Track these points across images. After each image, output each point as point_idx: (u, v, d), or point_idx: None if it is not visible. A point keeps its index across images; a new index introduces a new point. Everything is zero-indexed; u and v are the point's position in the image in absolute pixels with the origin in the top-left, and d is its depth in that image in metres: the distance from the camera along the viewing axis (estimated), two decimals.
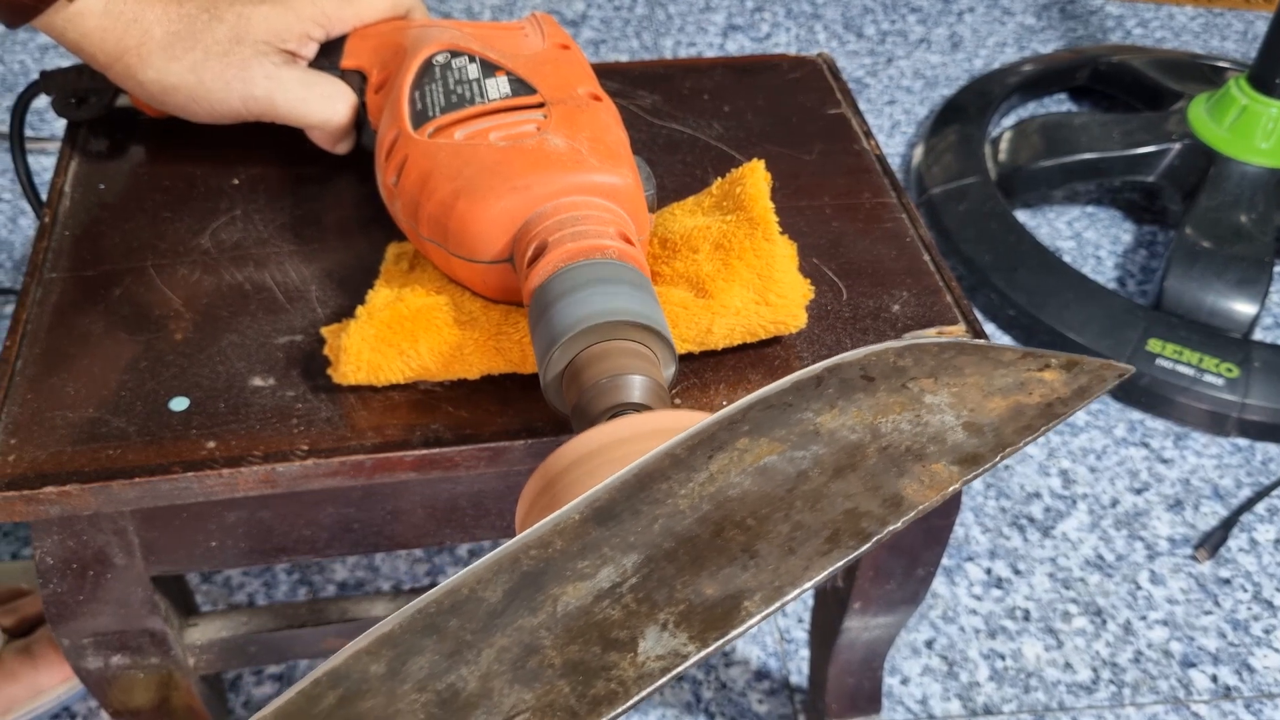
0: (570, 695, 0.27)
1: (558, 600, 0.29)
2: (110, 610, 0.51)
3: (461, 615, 0.29)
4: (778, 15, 1.48)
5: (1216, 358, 0.98)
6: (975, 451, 0.33)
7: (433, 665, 0.28)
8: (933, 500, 0.31)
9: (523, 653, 0.28)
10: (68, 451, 0.45)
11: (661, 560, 0.30)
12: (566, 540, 0.30)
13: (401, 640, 0.28)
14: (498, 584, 0.29)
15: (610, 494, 0.31)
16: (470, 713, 0.27)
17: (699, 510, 0.31)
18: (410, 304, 0.46)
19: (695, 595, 0.29)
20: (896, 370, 0.35)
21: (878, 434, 0.33)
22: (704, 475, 0.32)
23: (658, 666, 0.27)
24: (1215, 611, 0.85)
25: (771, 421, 0.33)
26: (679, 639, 0.28)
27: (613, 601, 0.29)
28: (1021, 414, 0.34)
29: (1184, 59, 1.33)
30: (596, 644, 0.28)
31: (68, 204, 0.57)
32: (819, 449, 0.33)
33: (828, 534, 0.30)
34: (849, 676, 0.69)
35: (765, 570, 0.29)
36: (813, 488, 0.31)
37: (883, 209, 0.58)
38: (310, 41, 0.56)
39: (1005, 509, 0.91)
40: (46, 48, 1.36)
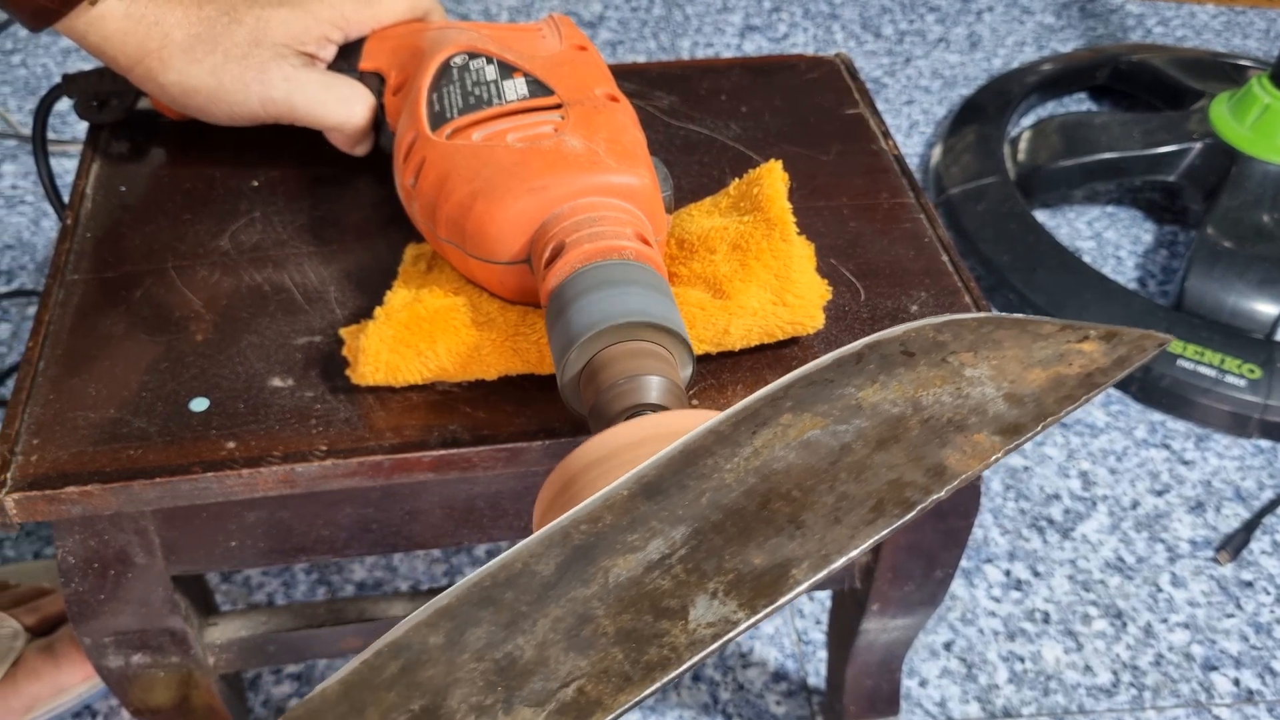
0: (624, 661, 0.28)
1: (609, 572, 0.30)
2: (131, 609, 0.51)
3: (516, 588, 0.30)
4: (795, 15, 1.48)
5: (1238, 359, 0.97)
6: (1017, 421, 0.33)
7: (490, 635, 0.29)
8: (975, 469, 0.32)
9: (576, 622, 0.29)
10: (89, 452, 0.45)
11: (709, 532, 0.30)
12: (616, 515, 0.31)
13: (459, 612, 0.29)
14: (550, 558, 0.30)
15: (657, 470, 0.32)
16: (528, 679, 0.28)
17: (745, 483, 0.31)
18: (428, 305, 0.46)
19: (744, 565, 0.29)
20: (936, 345, 0.36)
21: (919, 407, 0.34)
22: (749, 450, 0.32)
23: (709, 633, 0.28)
24: (1237, 614, 0.84)
25: (814, 397, 0.34)
26: (729, 606, 0.29)
27: (663, 572, 0.30)
28: (1062, 384, 0.34)
29: (1205, 57, 1.32)
30: (648, 613, 0.29)
31: (89, 206, 0.57)
32: (861, 422, 0.33)
33: (872, 503, 0.31)
34: (867, 678, 0.69)
35: (812, 539, 0.30)
36: (856, 459, 0.32)
37: (901, 209, 0.57)
38: (329, 44, 0.56)
39: (1025, 510, 0.91)
40: (69, 51, 1.37)
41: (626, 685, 0.27)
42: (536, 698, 0.27)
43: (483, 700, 0.27)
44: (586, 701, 0.27)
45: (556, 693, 0.27)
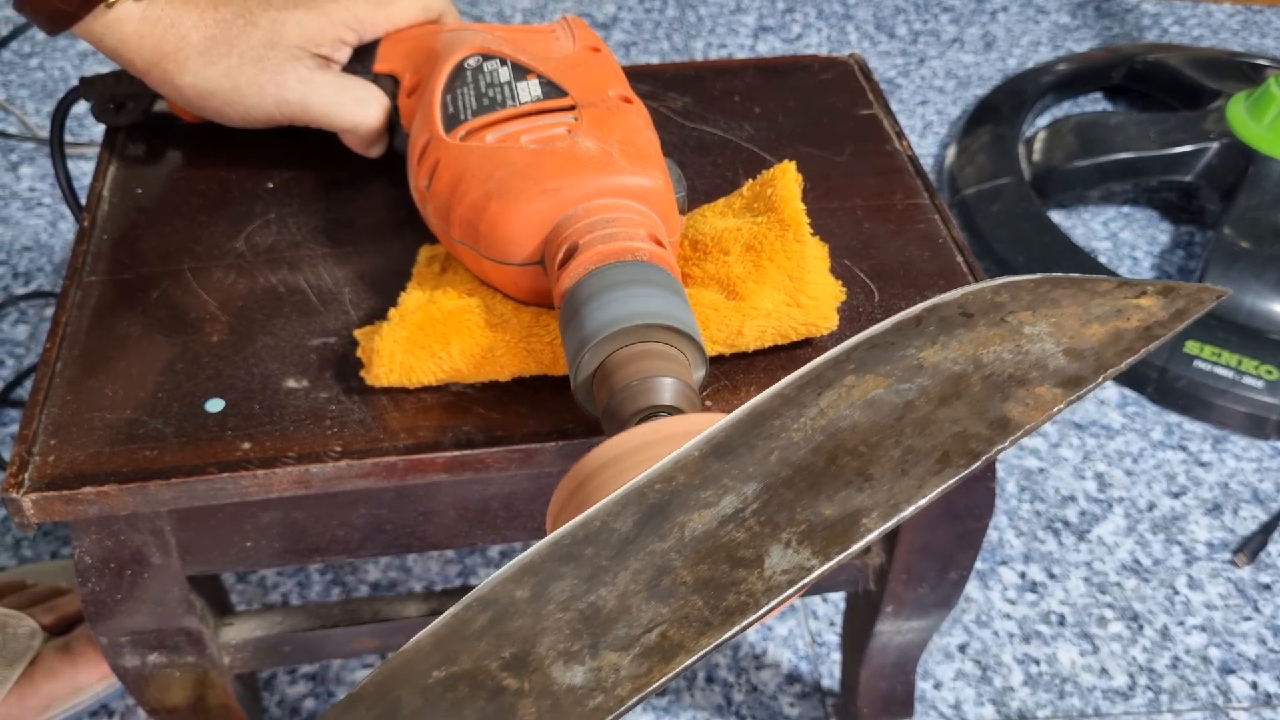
0: (704, 608, 0.29)
1: (684, 527, 0.31)
2: (147, 609, 0.52)
3: (596, 544, 0.31)
4: (809, 16, 1.48)
5: (1256, 359, 0.96)
6: (1078, 374, 0.34)
7: (573, 588, 0.30)
8: (1038, 420, 0.33)
9: (656, 574, 0.30)
10: (106, 452, 0.45)
11: (780, 487, 0.32)
12: (688, 474, 0.32)
13: (542, 568, 0.31)
14: (627, 515, 0.32)
15: (726, 432, 0.33)
16: (611, 627, 0.29)
17: (812, 441, 0.33)
18: (442, 306, 0.46)
19: (815, 516, 0.31)
20: (994, 306, 0.37)
21: (980, 364, 0.35)
22: (814, 410, 0.34)
23: (784, 579, 0.30)
24: (1255, 617, 0.84)
25: (876, 359, 0.35)
26: (802, 554, 0.30)
27: (737, 525, 0.31)
28: (1121, 338, 0.35)
29: (1222, 57, 1.31)
30: (724, 563, 0.30)
31: (106, 208, 0.57)
32: (924, 381, 0.34)
33: (938, 455, 0.32)
34: (881, 680, 0.69)
35: (880, 490, 0.31)
36: (920, 415, 0.33)
37: (915, 210, 0.57)
38: (343, 46, 0.56)
39: (1040, 512, 0.90)
40: (86, 54, 1.38)
41: (707, 629, 0.29)
42: (621, 643, 0.29)
43: (570, 646, 0.29)
44: (670, 645, 0.29)
45: (640, 638, 0.29)
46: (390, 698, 0.29)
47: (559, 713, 0.28)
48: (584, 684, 0.28)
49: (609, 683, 0.28)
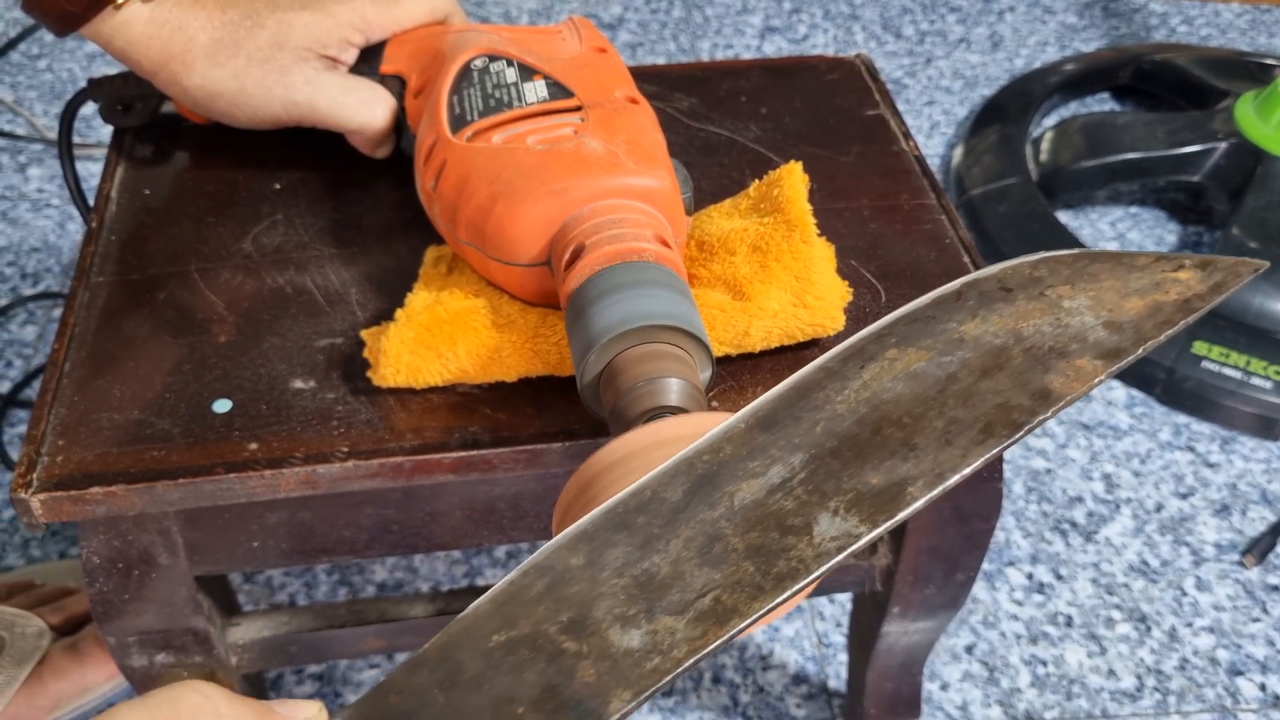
0: (755, 573, 0.30)
1: (733, 496, 0.32)
2: (155, 609, 0.52)
3: (647, 513, 0.32)
4: (815, 16, 1.47)
5: (1264, 360, 0.96)
6: (1117, 346, 0.35)
7: (627, 555, 0.31)
8: (1080, 391, 0.33)
9: (707, 541, 0.31)
10: (114, 453, 0.45)
11: (826, 457, 0.33)
12: (735, 445, 0.33)
13: (596, 536, 0.32)
14: (676, 485, 0.33)
15: (771, 404, 0.34)
16: (666, 592, 0.30)
17: (856, 413, 0.34)
18: (449, 307, 0.46)
19: (861, 485, 0.32)
20: (1033, 280, 0.37)
21: (1020, 337, 0.35)
22: (857, 383, 0.34)
23: (834, 546, 0.30)
24: (1263, 619, 0.83)
25: (917, 333, 0.36)
26: (850, 522, 0.31)
27: (785, 494, 0.32)
28: (1159, 310, 0.36)
29: (1230, 56, 1.31)
30: (774, 530, 0.31)
31: (114, 209, 0.58)
32: (965, 354, 0.35)
33: (981, 426, 0.33)
34: (888, 681, 0.69)
35: (925, 460, 0.32)
36: (963, 387, 0.34)
37: (922, 210, 0.57)
38: (350, 47, 0.56)
39: (1047, 513, 0.90)
40: (94, 55, 1.38)
41: (759, 594, 0.30)
42: (676, 607, 0.30)
43: (626, 611, 0.30)
44: (723, 609, 0.30)
45: (694, 602, 0.30)
46: (452, 661, 0.30)
47: (618, 674, 0.29)
48: (641, 646, 0.29)
49: (665, 645, 0.29)
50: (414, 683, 0.29)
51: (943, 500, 0.54)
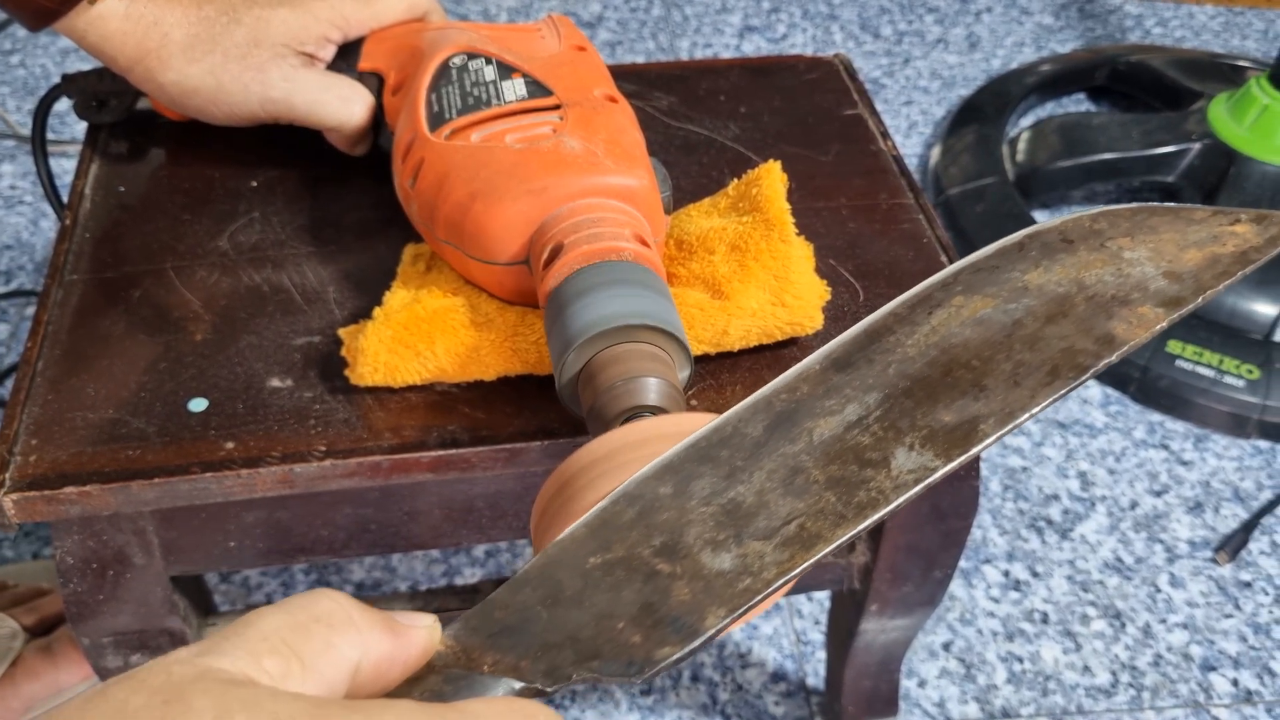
0: (837, 503, 0.32)
1: (812, 432, 0.34)
2: (130, 610, 0.51)
3: (730, 447, 0.33)
4: (794, 16, 1.48)
5: (1237, 359, 0.97)
6: (1177, 295, 0.36)
7: (713, 486, 0.33)
8: (1142, 337, 0.35)
9: (789, 473, 0.33)
10: (88, 452, 0.45)
11: (900, 396, 0.34)
12: (811, 385, 0.35)
13: (682, 468, 0.33)
14: (756, 422, 0.34)
15: (843, 348, 0.36)
16: (752, 520, 0.32)
17: (927, 355, 0.35)
18: (427, 305, 0.46)
19: (935, 422, 0.33)
20: (1094, 232, 0.39)
21: (1083, 286, 0.37)
22: (926, 328, 0.36)
23: (911, 478, 0.32)
24: (1236, 615, 0.84)
25: (982, 282, 0.37)
26: (925, 456, 0.32)
27: (861, 430, 0.33)
28: (1217, 262, 0.37)
29: (1204, 58, 1.32)
30: (853, 463, 0.33)
31: (88, 206, 0.57)
32: (1030, 301, 0.36)
33: (1048, 368, 0.34)
34: (866, 679, 0.69)
35: (995, 400, 0.33)
36: (1029, 333, 0.35)
37: (900, 210, 0.58)
38: (328, 44, 0.56)
39: (1023, 511, 0.91)
40: (68, 51, 1.37)
41: (842, 522, 0.31)
42: (763, 533, 0.31)
43: (715, 536, 0.31)
44: (808, 535, 0.31)
45: (780, 529, 0.31)
46: (552, 581, 0.31)
47: (711, 593, 0.30)
48: (732, 569, 0.31)
49: (755, 567, 0.31)
50: (517, 599, 0.30)
51: (920, 498, 0.55)
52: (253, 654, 0.24)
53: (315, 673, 0.25)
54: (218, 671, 0.23)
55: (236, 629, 0.25)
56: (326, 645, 0.26)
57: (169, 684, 0.23)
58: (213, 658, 0.24)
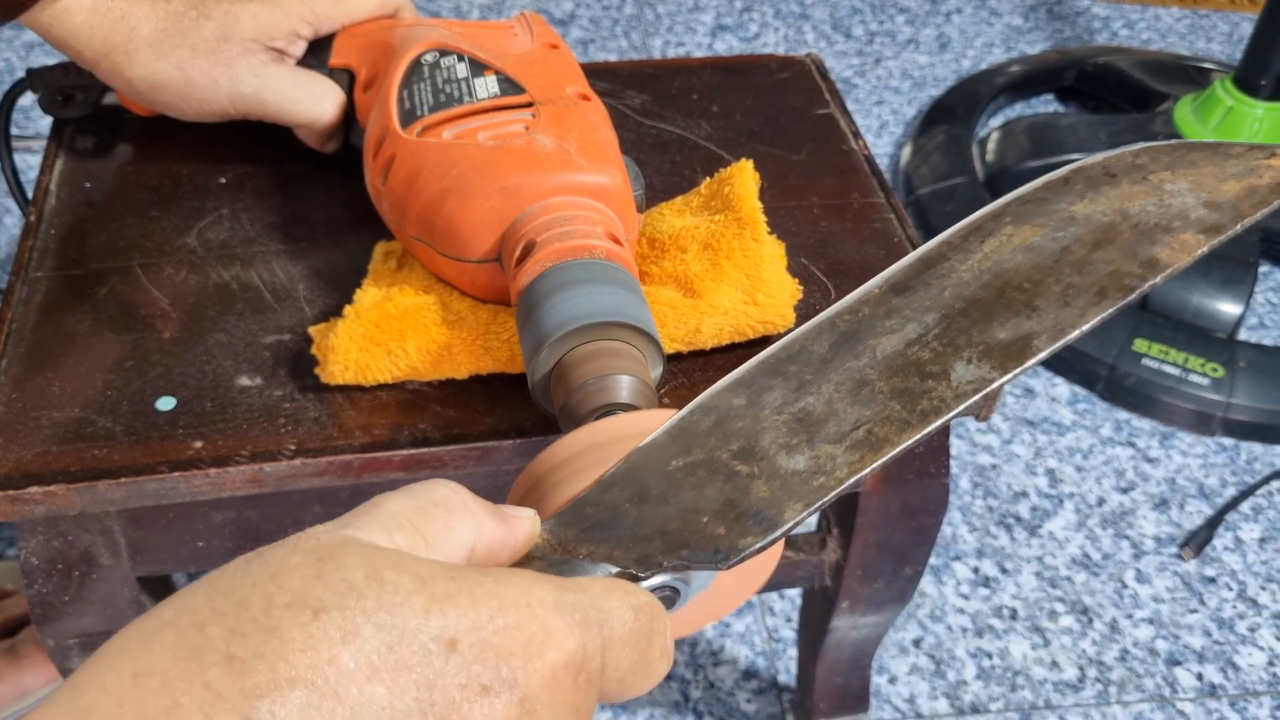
0: (901, 410, 0.34)
1: (875, 348, 0.36)
2: (96, 611, 0.51)
3: (798, 363, 0.36)
4: (766, 15, 1.48)
5: (1202, 358, 0.98)
6: (1218, 223, 0.38)
7: (784, 397, 0.35)
8: (1185, 261, 0.37)
9: (855, 385, 0.35)
10: (53, 451, 0.44)
11: (956, 316, 0.36)
12: (872, 307, 0.37)
13: (753, 381, 0.35)
14: (822, 340, 0.36)
15: (901, 273, 0.38)
16: (823, 426, 0.34)
17: (980, 279, 0.37)
18: (398, 303, 0.46)
19: (990, 338, 0.35)
20: (1136, 167, 0.41)
21: (1127, 215, 0.39)
22: (979, 255, 0.38)
23: (970, 388, 0.34)
24: (1200, 610, 0.85)
25: (1030, 212, 0.39)
26: (983, 369, 0.34)
27: (921, 346, 0.35)
28: (1255, 192, 0.39)
29: (1170, 60, 1.34)
30: (915, 376, 0.35)
31: (53, 203, 0.56)
32: (1077, 229, 0.38)
33: (1096, 289, 0.36)
34: (837, 675, 0.69)
35: (1047, 318, 0.35)
36: (1077, 258, 0.37)
37: (871, 209, 0.58)
38: (298, 40, 0.56)
39: (993, 508, 0.92)
40: (32, 45, 1.35)
41: (907, 427, 0.33)
42: (834, 438, 0.33)
43: (789, 441, 0.33)
44: (876, 439, 0.33)
45: (849, 434, 0.33)
46: (638, 482, 0.33)
47: (788, 490, 0.32)
48: (806, 468, 0.33)
49: (828, 467, 0.33)
50: (606, 498, 0.32)
51: (890, 494, 0.55)
52: (385, 529, 0.27)
53: (437, 550, 0.27)
54: (358, 539, 0.26)
55: (366, 509, 0.27)
56: (445, 527, 0.28)
57: (320, 546, 0.25)
58: (351, 530, 0.26)
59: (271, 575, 0.24)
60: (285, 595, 0.24)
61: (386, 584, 0.24)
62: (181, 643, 0.23)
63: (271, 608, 0.23)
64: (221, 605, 0.24)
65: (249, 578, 0.24)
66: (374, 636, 0.23)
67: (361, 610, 0.24)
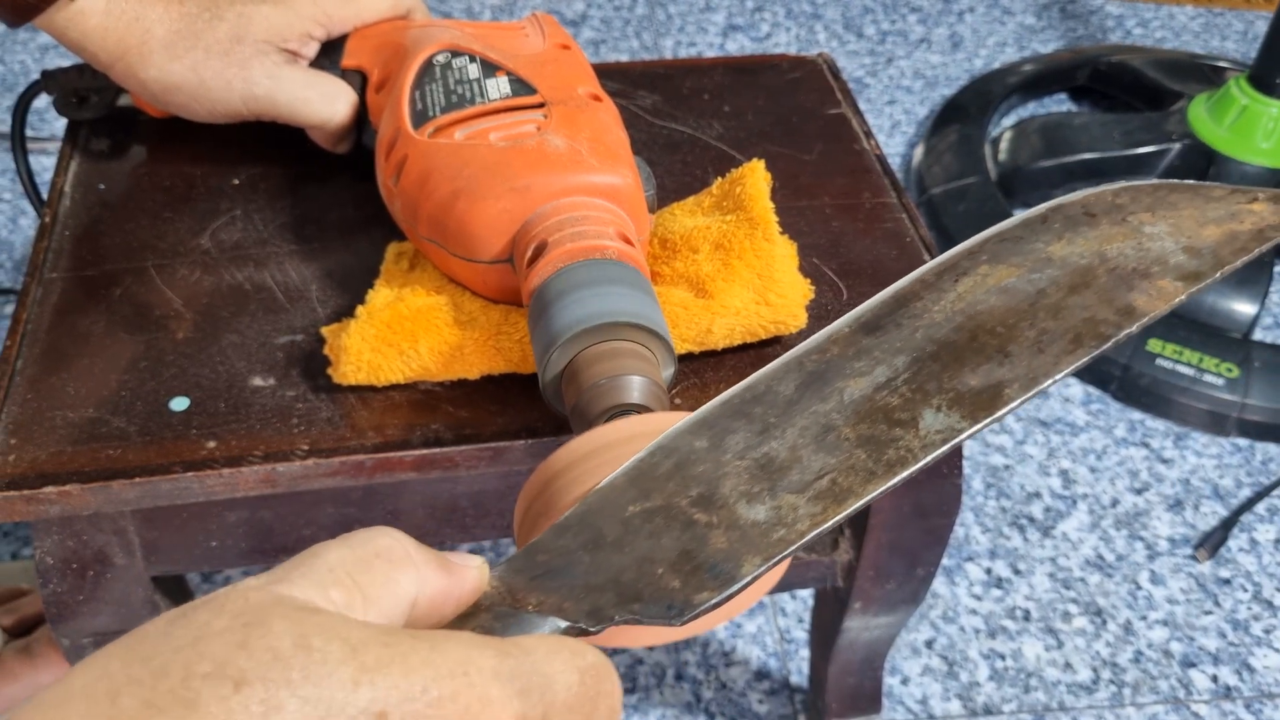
0: (867, 460, 0.33)
1: (843, 391, 0.35)
2: (110, 610, 0.51)
3: (763, 404, 0.34)
4: (778, 15, 1.48)
5: (1216, 358, 0.98)
6: (1196, 270, 0.37)
7: (747, 441, 0.34)
8: (1161, 309, 0.36)
9: (821, 430, 0.34)
10: (68, 451, 0.45)
11: (927, 360, 0.35)
12: (841, 347, 0.36)
13: (717, 423, 0.34)
14: (789, 380, 0.35)
15: (872, 311, 0.37)
16: (786, 474, 0.33)
17: (953, 321, 0.36)
18: (410, 304, 0.46)
19: (961, 385, 0.34)
20: (1115, 207, 0.40)
21: (1105, 258, 0.38)
22: (953, 295, 0.37)
23: (938, 438, 0.33)
24: (1215, 611, 0.85)
25: (1007, 251, 0.38)
26: (953, 418, 0.33)
27: (890, 391, 0.34)
28: (1235, 238, 0.38)
29: (1184, 59, 1.33)
30: (882, 423, 0.34)
31: (68, 204, 0.57)
32: (1053, 271, 0.37)
33: (1071, 337, 0.35)
34: (849, 676, 0.69)
35: (1019, 366, 0.34)
36: (1052, 302, 0.36)
37: (883, 209, 0.58)
38: (311, 41, 0.56)
39: (1005, 509, 0.91)
40: (47, 47, 1.36)
41: (872, 478, 0.32)
42: (797, 487, 0.32)
43: (750, 489, 0.32)
44: (840, 490, 0.32)
45: (813, 483, 0.32)
46: (593, 527, 0.32)
47: (747, 542, 0.31)
48: (767, 520, 0.31)
49: (789, 519, 0.31)
50: (560, 544, 0.31)
51: (903, 495, 0.55)
52: (320, 584, 0.25)
53: (376, 605, 0.26)
54: (290, 599, 0.24)
55: (303, 560, 0.26)
56: (387, 579, 0.26)
57: (248, 608, 0.24)
58: (284, 586, 0.25)
59: (193, 641, 0.23)
60: (206, 664, 0.22)
61: (314, 652, 0.23)
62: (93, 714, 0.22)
63: (190, 678, 0.22)
64: (138, 673, 0.22)
65: (170, 642, 0.23)
66: (298, 711, 0.22)
67: (286, 682, 0.22)
